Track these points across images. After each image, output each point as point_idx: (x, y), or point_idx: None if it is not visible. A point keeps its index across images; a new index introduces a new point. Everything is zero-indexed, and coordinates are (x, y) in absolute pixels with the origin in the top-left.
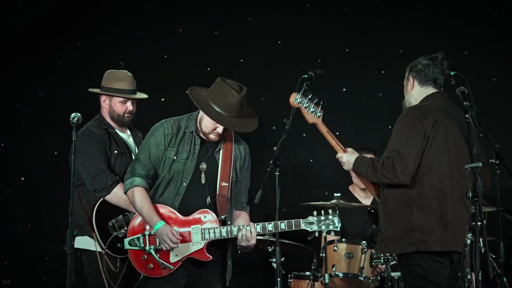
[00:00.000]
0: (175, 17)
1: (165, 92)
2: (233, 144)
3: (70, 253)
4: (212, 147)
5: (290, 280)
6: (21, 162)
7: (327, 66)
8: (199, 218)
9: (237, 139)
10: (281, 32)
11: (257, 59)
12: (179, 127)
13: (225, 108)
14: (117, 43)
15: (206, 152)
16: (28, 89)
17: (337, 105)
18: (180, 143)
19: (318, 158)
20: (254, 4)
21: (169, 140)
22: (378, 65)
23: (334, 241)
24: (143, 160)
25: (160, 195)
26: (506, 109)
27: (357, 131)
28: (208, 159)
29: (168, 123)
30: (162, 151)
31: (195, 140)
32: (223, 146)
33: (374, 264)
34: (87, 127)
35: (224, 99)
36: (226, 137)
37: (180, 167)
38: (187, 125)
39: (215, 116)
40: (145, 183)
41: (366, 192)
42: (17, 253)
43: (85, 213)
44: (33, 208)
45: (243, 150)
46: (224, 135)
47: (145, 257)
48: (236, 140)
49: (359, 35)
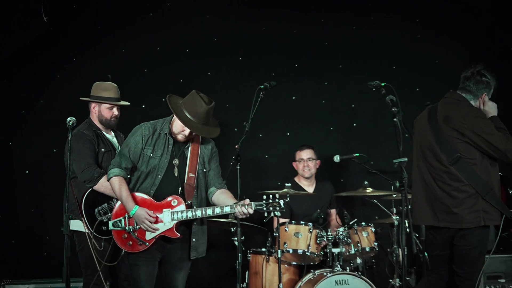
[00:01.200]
0: (153, 38)
1: (145, 99)
2: (200, 143)
3: (67, 233)
4: (182, 145)
5: (249, 255)
6: (25, 158)
7: (279, 78)
8: (170, 202)
9: (204, 139)
10: (242, 50)
11: (221, 72)
12: (155, 129)
13: (194, 115)
14: (105, 59)
15: (178, 150)
16: (31, 97)
17: (287, 111)
18: (156, 142)
19: (272, 155)
20: (218, 28)
21: (146, 140)
22: (321, 78)
23: (285, 222)
24: (124, 155)
25: (140, 185)
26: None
27: (303, 131)
28: (180, 156)
29: (145, 126)
30: (140, 149)
31: (168, 140)
32: (191, 144)
33: (318, 242)
34: (79, 129)
35: (194, 107)
36: (194, 138)
37: (156, 163)
38: (162, 127)
39: (185, 121)
40: (124, 174)
41: (308, 181)
42: (22, 233)
43: (75, 201)
44: (35, 196)
45: (209, 147)
46: (192, 137)
47: (125, 235)
48: (202, 140)
49: (306, 52)
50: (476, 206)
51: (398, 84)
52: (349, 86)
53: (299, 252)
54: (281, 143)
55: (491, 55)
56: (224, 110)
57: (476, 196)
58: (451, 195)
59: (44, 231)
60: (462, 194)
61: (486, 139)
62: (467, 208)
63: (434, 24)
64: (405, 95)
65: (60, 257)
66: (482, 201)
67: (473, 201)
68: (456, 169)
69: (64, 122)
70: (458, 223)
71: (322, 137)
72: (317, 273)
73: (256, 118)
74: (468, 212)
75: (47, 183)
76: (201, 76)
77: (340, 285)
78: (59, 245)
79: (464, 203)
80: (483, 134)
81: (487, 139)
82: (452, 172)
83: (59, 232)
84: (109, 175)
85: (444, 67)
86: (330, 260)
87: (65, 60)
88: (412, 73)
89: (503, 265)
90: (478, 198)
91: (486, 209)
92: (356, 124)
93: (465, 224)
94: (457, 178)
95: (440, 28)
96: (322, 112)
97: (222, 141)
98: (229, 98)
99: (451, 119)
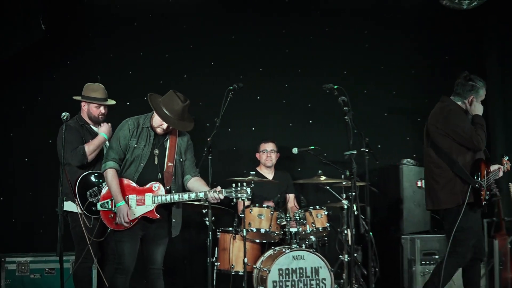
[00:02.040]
0: (137, 44)
1: (129, 97)
2: (177, 136)
3: (61, 213)
4: (162, 138)
5: (218, 233)
6: (24, 147)
7: (246, 80)
8: (151, 187)
9: (180, 133)
10: (214, 56)
11: (196, 75)
12: (138, 124)
13: (171, 111)
14: (95, 63)
15: (158, 142)
16: (30, 95)
17: (253, 109)
18: (139, 135)
19: (239, 147)
20: (193, 36)
21: (132, 133)
22: (282, 80)
23: (250, 205)
24: (116, 147)
25: (125, 172)
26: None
27: (266, 126)
28: (160, 147)
29: (131, 121)
30: (128, 141)
31: (150, 133)
32: (170, 137)
33: (278, 222)
34: (69, 123)
35: (171, 105)
36: (172, 131)
37: (139, 152)
38: (144, 122)
39: (163, 117)
40: (117, 165)
41: (269, 169)
42: (21, 213)
43: (69, 185)
44: (33, 180)
45: (185, 139)
46: (170, 130)
47: (112, 215)
48: (179, 133)
49: (269, 58)
50: (454, 189)
51: (348, 87)
52: (306, 88)
53: (261, 231)
54: (247, 137)
55: (431, 59)
56: (197, 108)
57: (454, 180)
58: (436, 181)
59: (40, 211)
60: (443, 180)
61: (456, 130)
62: (447, 192)
63: (381, 35)
64: (354, 97)
65: (55, 234)
66: (459, 184)
67: (452, 185)
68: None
69: (59, 117)
70: (440, 204)
71: (282, 132)
72: (277, 249)
73: (225, 115)
74: (448, 195)
75: (43, 169)
76: (178, 78)
77: (297, 260)
78: (53, 223)
79: (445, 187)
80: (454, 126)
81: (456, 130)
82: (432, 155)
83: (54, 212)
84: (105, 167)
85: (389, 72)
86: (288, 238)
87: (60, 62)
88: (361, 77)
89: (437, 244)
90: (456, 181)
91: (462, 190)
92: (311, 121)
93: (444, 205)
94: (437, 164)
95: (385, 38)
96: (283, 110)
97: (196, 134)
98: (202, 97)
99: (433, 116)
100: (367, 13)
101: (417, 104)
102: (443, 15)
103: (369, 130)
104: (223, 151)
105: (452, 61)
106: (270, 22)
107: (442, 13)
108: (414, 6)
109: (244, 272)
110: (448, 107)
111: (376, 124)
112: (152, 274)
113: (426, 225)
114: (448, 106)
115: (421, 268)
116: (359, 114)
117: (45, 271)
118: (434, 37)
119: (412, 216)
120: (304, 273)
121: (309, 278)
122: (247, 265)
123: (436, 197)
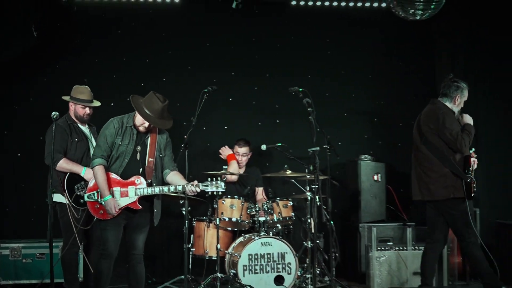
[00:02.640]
0: (121, 50)
1: (113, 98)
2: (157, 134)
3: (50, 203)
4: (143, 136)
5: (194, 222)
6: (17, 143)
7: (220, 83)
8: (134, 181)
9: (160, 131)
10: (190, 61)
11: (174, 78)
12: (122, 123)
13: (152, 111)
14: (82, 67)
15: (140, 139)
16: (23, 96)
17: (225, 109)
18: (123, 133)
19: (213, 143)
20: (172, 43)
21: (117, 131)
22: (252, 84)
23: (222, 196)
24: (103, 145)
25: (110, 166)
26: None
27: (238, 125)
28: (141, 144)
29: (116, 120)
30: (114, 138)
31: (133, 131)
32: (150, 135)
33: (248, 212)
34: (58, 122)
35: (152, 105)
36: (152, 129)
37: (123, 149)
38: (127, 121)
39: (144, 116)
40: (104, 161)
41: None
42: (15, 203)
43: (58, 179)
44: (26, 174)
45: (164, 137)
46: (151, 128)
47: (98, 206)
48: (159, 131)
49: (240, 63)
50: (446, 182)
51: (312, 90)
52: (274, 91)
53: (233, 220)
54: (220, 135)
55: (386, 65)
56: (175, 108)
57: (445, 175)
58: (427, 175)
59: (32, 201)
60: (435, 174)
61: (444, 132)
62: (440, 185)
63: (341, 43)
64: (317, 99)
65: (45, 223)
66: (450, 178)
67: (444, 179)
68: (427, 148)
69: (49, 116)
70: (433, 196)
71: (252, 130)
72: (247, 236)
73: (200, 115)
74: (441, 188)
75: (35, 164)
76: (157, 81)
77: (265, 246)
78: (44, 213)
79: (438, 181)
80: (443, 127)
81: (445, 132)
82: (424, 152)
83: (44, 203)
84: (93, 164)
85: (348, 77)
86: (257, 227)
87: (50, 66)
88: (323, 81)
89: (391, 231)
90: (448, 176)
91: (454, 184)
92: (278, 120)
93: (436, 197)
94: (428, 159)
95: (345, 47)
96: (252, 110)
97: (174, 132)
98: (180, 98)
99: (427, 116)
100: (329, 24)
101: (374, 105)
102: (397, 25)
103: (330, 129)
104: (199, 147)
105: (405, 67)
106: (241, 31)
107: (397, 23)
108: (372, 18)
109: (217, 257)
110: (441, 110)
111: (337, 123)
112: (133, 259)
113: (381, 215)
114: (441, 109)
115: (377, 253)
116: (321, 114)
117: (36, 256)
118: (389, 45)
119: (369, 207)
120: (271, 258)
121: (276, 263)
122: (220, 251)
123: (428, 189)
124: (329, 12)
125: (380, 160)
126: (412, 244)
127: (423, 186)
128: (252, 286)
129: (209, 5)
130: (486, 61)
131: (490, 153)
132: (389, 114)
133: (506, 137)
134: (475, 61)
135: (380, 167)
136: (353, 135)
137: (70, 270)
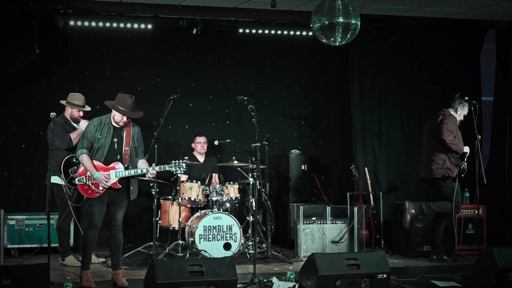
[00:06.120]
0: (105, 65)
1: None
2: (131, 127)
3: (49, 184)
4: (119, 130)
5: (161, 200)
6: (23, 137)
7: (182, 92)
8: (114, 166)
9: (133, 124)
10: (160, 75)
11: (147, 88)
12: (101, 121)
13: (125, 107)
14: (74, 78)
15: (116, 133)
16: (28, 100)
17: (187, 113)
18: (102, 129)
19: (177, 139)
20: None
21: (96, 128)
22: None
23: (184, 180)
24: (86, 139)
25: (94, 156)
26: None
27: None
28: (118, 136)
29: (95, 120)
30: (93, 134)
31: (110, 127)
32: (125, 129)
33: (204, 193)
34: (56, 120)
35: (124, 102)
36: (127, 125)
37: (103, 141)
38: (106, 120)
39: (121, 112)
40: (87, 151)
41: (200, 155)
42: (19, 185)
43: (56, 164)
44: (29, 161)
45: (137, 130)
46: (126, 124)
47: (86, 187)
48: (132, 125)
49: (199, 77)
50: (444, 165)
51: (254, 98)
52: (224, 99)
53: (192, 199)
54: (183, 132)
55: (311, 80)
56: (148, 110)
57: (443, 159)
58: (431, 159)
59: (33, 183)
60: (437, 158)
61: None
62: (439, 167)
63: (277, 62)
64: (259, 105)
65: (44, 199)
66: (448, 163)
67: (442, 162)
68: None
69: (48, 116)
70: (432, 175)
71: (208, 129)
72: (202, 212)
73: (167, 116)
74: (439, 168)
75: (37, 153)
76: (134, 90)
77: (216, 220)
78: (43, 192)
79: (438, 163)
80: (441, 123)
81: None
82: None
83: (44, 184)
84: (78, 154)
85: (282, 88)
86: (210, 204)
87: (49, 77)
88: (263, 91)
89: (315, 209)
90: (445, 160)
91: (449, 167)
92: (228, 122)
93: (434, 175)
94: (436, 148)
95: (280, 65)
96: (208, 114)
97: (146, 130)
98: (151, 103)
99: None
100: (268, 47)
101: (302, 111)
102: (320, 49)
103: (268, 129)
104: (166, 142)
105: (326, 81)
106: (200, 52)
107: (320, 48)
108: (301, 43)
109: (179, 228)
110: (445, 114)
111: (273, 125)
112: (114, 229)
113: (307, 197)
114: (445, 113)
115: (303, 226)
116: (261, 118)
117: (36, 226)
118: (314, 65)
119: (297, 190)
120: (221, 229)
121: (225, 233)
122: (181, 223)
123: (430, 169)
124: (269, 38)
125: (306, 154)
126: (330, 219)
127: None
128: (206, 250)
129: (175, 31)
130: (382, 72)
131: (389, 148)
132: (314, 118)
133: (401, 136)
134: (375, 74)
135: (306, 159)
136: (286, 134)
137: (63, 237)
